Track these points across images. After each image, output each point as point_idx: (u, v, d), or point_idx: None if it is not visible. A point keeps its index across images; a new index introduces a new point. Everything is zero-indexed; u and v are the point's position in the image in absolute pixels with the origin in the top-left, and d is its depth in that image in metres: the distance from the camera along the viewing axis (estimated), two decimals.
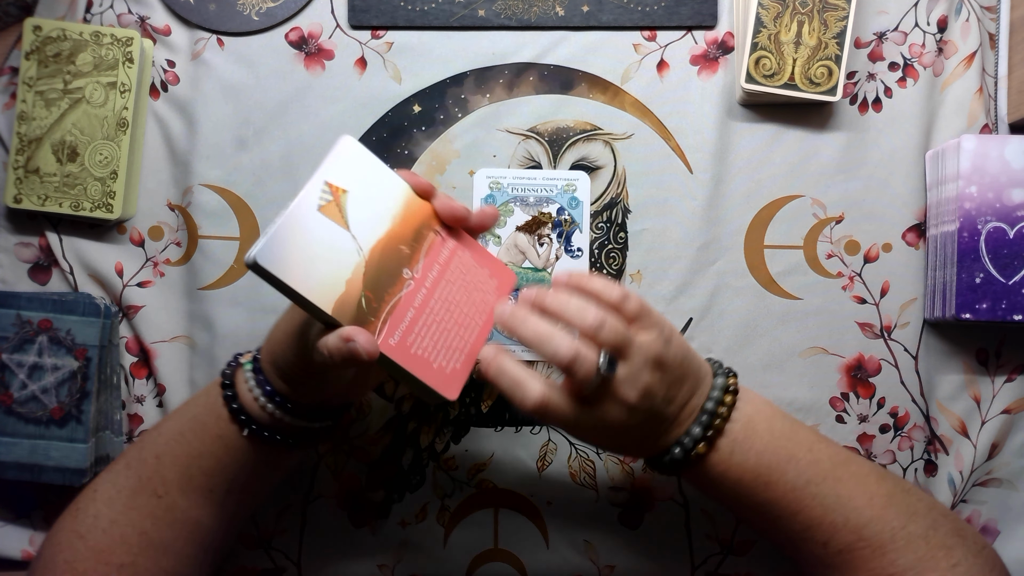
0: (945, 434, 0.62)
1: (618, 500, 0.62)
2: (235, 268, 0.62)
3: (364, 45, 0.62)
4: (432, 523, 0.62)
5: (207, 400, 0.53)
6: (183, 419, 0.53)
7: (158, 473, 0.52)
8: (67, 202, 0.60)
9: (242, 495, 0.53)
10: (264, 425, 0.51)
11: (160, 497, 0.51)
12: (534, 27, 0.62)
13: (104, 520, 0.51)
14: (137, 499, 0.51)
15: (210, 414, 0.52)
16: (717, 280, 0.61)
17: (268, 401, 0.50)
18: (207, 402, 0.52)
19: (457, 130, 0.62)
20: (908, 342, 0.61)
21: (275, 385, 0.50)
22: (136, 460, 0.53)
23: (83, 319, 0.58)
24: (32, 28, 0.59)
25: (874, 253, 0.62)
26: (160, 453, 0.52)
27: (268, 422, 0.51)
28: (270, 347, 0.50)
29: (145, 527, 0.51)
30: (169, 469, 0.52)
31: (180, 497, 0.51)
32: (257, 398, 0.50)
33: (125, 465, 0.53)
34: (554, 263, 0.61)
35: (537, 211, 0.61)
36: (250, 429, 0.50)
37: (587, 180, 0.61)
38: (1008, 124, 0.61)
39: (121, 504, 0.51)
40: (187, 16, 0.62)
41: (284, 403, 0.50)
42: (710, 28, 0.62)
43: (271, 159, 0.62)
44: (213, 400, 0.52)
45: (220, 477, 0.52)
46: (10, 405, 0.58)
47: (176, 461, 0.52)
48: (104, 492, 0.52)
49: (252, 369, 0.51)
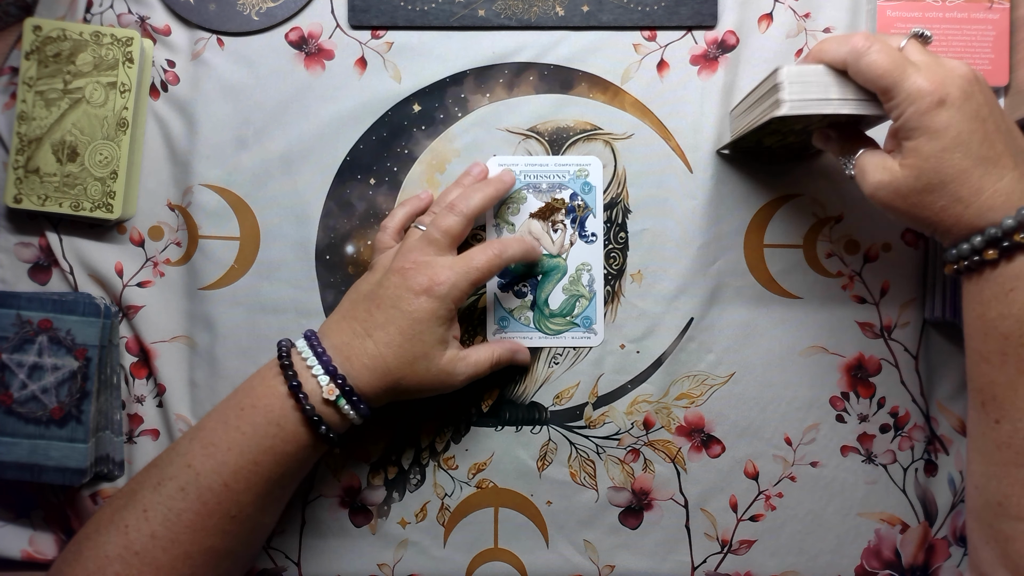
0: (945, 434, 0.62)
1: (618, 500, 0.62)
2: (235, 268, 0.62)
3: (364, 45, 0.62)
4: (432, 523, 0.62)
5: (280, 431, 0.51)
6: (256, 450, 0.51)
7: (231, 499, 0.50)
8: (67, 202, 0.60)
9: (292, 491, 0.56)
10: (332, 427, 0.52)
11: (234, 516, 0.51)
12: (534, 27, 0.62)
13: (164, 540, 0.49)
14: (207, 521, 0.50)
15: (291, 443, 0.51)
16: (717, 280, 0.61)
17: (351, 407, 0.52)
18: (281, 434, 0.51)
19: (457, 129, 0.62)
20: (908, 342, 0.61)
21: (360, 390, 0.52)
22: (194, 485, 0.50)
23: (83, 319, 0.58)
24: (32, 28, 0.59)
25: (874, 253, 0.62)
26: (229, 482, 0.50)
27: (333, 422, 0.52)
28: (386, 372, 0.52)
29: (214, 543, 0.50)
30: (244, 494, 0.51)
31: (256, 512, 0.52)
32: (342, 406, 0.51)
33: (179, 488, 0.50)
34: (569, 249, 0.62)
35: (550, 197, 0.61)
36: (329, 439, 0.52)
37: (599, 165, 0.61)
38: None
39: (183, 527, 0.49)
40: (187, 16, 0.62)
41: (359, 403, 0.52)
42: (710, 28, 0.62)
43: (271, 159, 0.62)
44: (291, 430, 0.51)
45: (290, 489, 0.54)
46: (10, 405, 0.58)
47: (252, 487, 0.51)
48: (158, 513, 0.49)
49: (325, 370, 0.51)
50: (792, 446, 0.61)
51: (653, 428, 0.62)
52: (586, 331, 0.62)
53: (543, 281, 0.62)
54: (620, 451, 0.62)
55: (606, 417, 0.62)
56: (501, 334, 0.61)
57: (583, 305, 0.62)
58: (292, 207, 0.62)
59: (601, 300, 0.62)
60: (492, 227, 0.62)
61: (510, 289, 0.62)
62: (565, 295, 0.62)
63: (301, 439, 0.51)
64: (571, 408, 0.62)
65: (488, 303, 0.62)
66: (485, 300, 0.62)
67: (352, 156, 0.62)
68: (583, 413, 0.62)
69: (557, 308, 0.62)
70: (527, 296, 0.62)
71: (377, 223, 0.62)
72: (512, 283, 0.62)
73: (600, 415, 0.62)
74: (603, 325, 0.62)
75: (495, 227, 0.62)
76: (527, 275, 0.62)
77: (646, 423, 0.62)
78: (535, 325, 0.62)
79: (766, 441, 0.61)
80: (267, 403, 0.51)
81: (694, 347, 0.61)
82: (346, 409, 0.51)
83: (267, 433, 0.51)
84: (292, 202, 0.62)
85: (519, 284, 0.62)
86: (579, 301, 0.62)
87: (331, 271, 0.62)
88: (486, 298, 0.62)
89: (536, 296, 0.62)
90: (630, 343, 0.62)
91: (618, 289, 0.62)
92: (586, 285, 0.62)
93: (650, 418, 0.61)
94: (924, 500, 0.61)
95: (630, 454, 0.62)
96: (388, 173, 0.62)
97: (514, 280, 0.62)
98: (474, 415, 0.62)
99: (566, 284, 0.62)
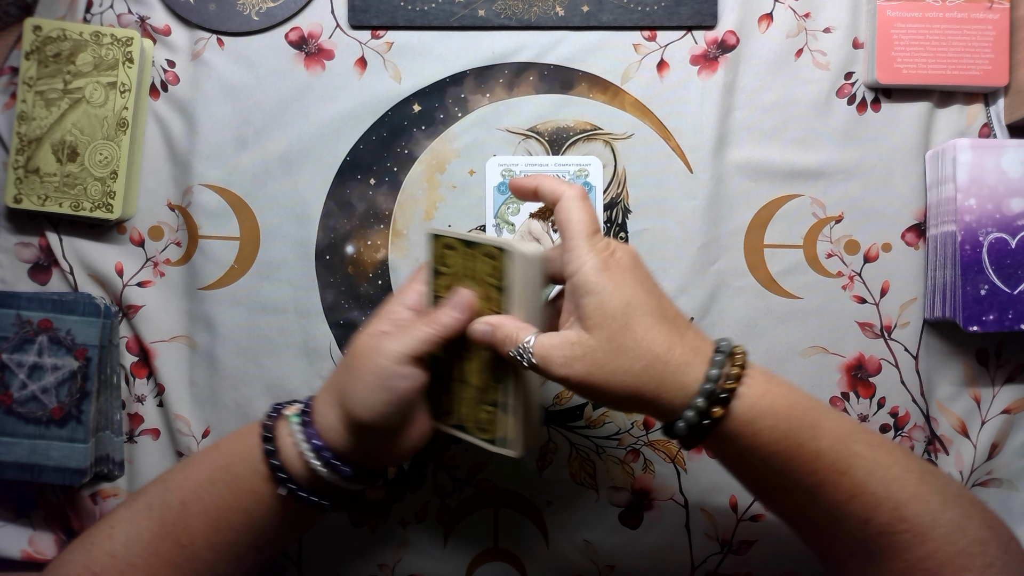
0: (945, 434, 0.62)
1: (618, 500, 0.62)
2: (235, 268, 0.62)
3: (364, 45, 0.62)
4: (432, 523, 0.62)
5: (242, 450, 0.50)
6: (213, 466, 0.50)
7: (183, 521, 0.48)
8: (67, 202, 0.60)
9: (263, 551, 0.51)
10: (303, 485, 0.48)
11: (184, 547, 0.48)
12: (534, 27, 0.62)
13: (121, 562, 0.48)
14: (160, 545, 0.48)
15: (245, 466, 0.49)
16: (717, 280, 0.61)
17: (315, 457, 0.48)
18: (241, 452, 0.50)
19: (457, 129, 0.62)
20: (908, 342, 0.61)
21: (329, 440, 0.48)
22: (159, 502, 0.49)
23: (83, 319, 0.58)
24: (32, 28, 0.59)
25: (874, 253, 0.62)
26: (186, 500, 0.49)
27: (308, 481, 0.48)
28: (360, 401, 0.47)
29: (163, 574, 0.48)
30: (196, 519, 0.48)
31: (205, 550, 0.48)
32: (304, 453, 0.48)
33: (147, 505, 0.49)
34: None
35: None
36: (289, 489, 0.48)
37: (599, 165, 0.61)
38: (1007, 125, 0.61)
39: (141, 548, 0.48)
40: (187, 16, 0.62)
41: (331, 459, 0.48)
42: (710, 28, 0.62)
43: (271, 159, 0.62)
44: (248, 451, 0.49)
45: (247, 534, 0.49)
46: (10, 405, 0.58)
47: (204, 511, 0.49)
48: (122, 531, 0.49)
49: (300, 423, 0.49)
50: None
51: (653, 428, 0.62)
52: None
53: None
54: (620, 451, 0.62)
55: (606, 417, 0.62)
56: None
57: None
58: (292, 207, 0.62)
59: None
60: (492, 227, 0.62)
61: None
62: None
63: (258, 469, 0.49)
64: (571, 408, 0.62)
65: None
66: None
67: (352, 156, 0.62)
68: (583, 413, 0.62)
69: None
70: None
71: (377, 223, 0.62)
72: None
73: (600, 415, 0.62)
74: None
75: (495, 227, 0.62)
76: None
77: (646, 423, 0.62)
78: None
79: None
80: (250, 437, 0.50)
81: None
82: (295, 430, 0.48)
83: (228, 449, 0.51)
84: (292, 202, 0.62)
85: None
86: None
87: (331, 271, 0.62)
88: None
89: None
90: None
91: None
92: None
93: (650, 418, 0.61)
94: None
95: (630, 454, 0.62)
96: (388, 173, 0.62)
97: None
98: None
99: None
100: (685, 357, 0.43)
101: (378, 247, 0.62)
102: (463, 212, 0.62)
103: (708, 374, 0.42)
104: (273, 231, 0.62)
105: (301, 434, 0.48)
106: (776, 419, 0.43)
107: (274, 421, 0.50)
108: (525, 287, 0.46)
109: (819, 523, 0.45)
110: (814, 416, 0.43)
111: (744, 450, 0.44)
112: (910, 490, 0.43)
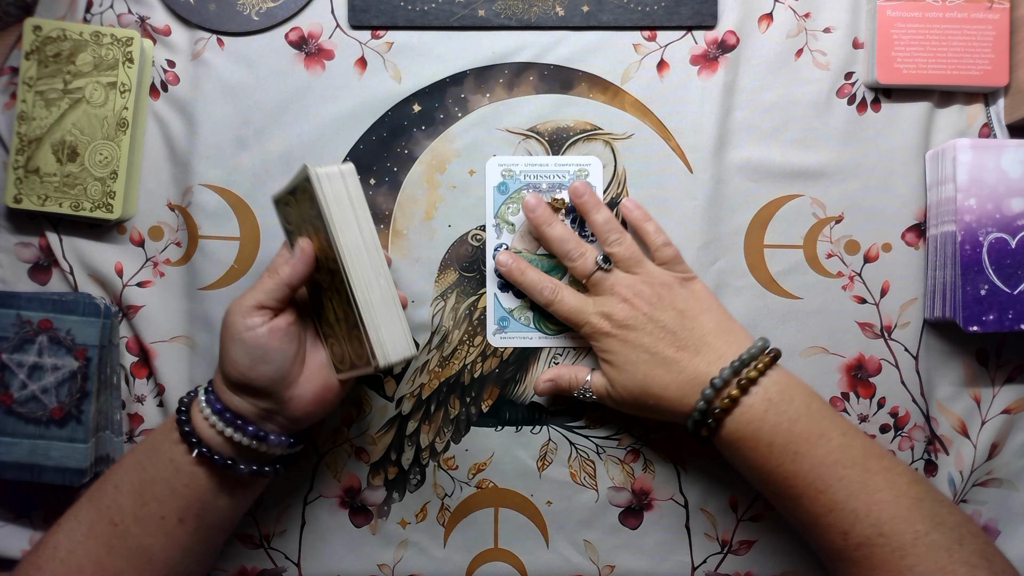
0: (945, 434, 0.62)
1: (618, 500, 0.62)
2: (235, 268, 0.62)
3: (364, 45, 0.62)
4: (432, 523, 0.62)
5: (163, 428, 0.54)
6: (140, 449, 0.54)
7: (116, 502, 0.52)
8: (67, 202, 0.60)
9: (196, 527, 0.52)
10: (214, 447, 0.52)
11: (116, 525, 0.51)
12: (534, 27, 0.62)
13: (62, 550, 0.51)
14: (95, 528, 0.51)
15: (164, 439, 0.53)
16: (717, 280, 0.61)
17: (219, 419, 0.51)
18: (163, 430, 0.54)
19: (457, 129, 0.62)
20: (908, 342, 0.61)
21: (233, 406, 0.52)
22: (97, 491, 0.53)
23: (83, 319, 0.58)
24: (32, 28, 0.59)
25: (874, 253, 0.62)
26: (118, 482, 0.52)
27: (218, 443, 0.52)
28: (226, 359, 0.51)
29: (101, 556, 0.51)
30: (126, 497, 0.52)
31: (133, 524, 0.51)
32: (213, 423, 0.51)
33: (88, 497, 0.53)
34: None
35: (550, 197, 0.61)
36: (200, 451, 0.51)
37: (599, 165, 0.61)
38: (1007, 125, 0.61)
39: (80, 534, 0.51)
40: (187, 16, 0.62)
41: (234, 419, 0.51)
42: (710, 28, 0.62)
43: (271, 159, 0.62)
44: (169, 427, 0.53)
45: (172, 504, 0.52)
46: (10, 405, 0.58)
47: (132, 488, 0.52)
48: (65, 523, 0.52)
49: (206, 391, 0.53)
50: None
51: (653, 428, 0.62)
52: None
53: None
54: (620, 451, 0.62)
55: (606, 417, 0.62)
56: (501, 334, 0.61)
57: None
58: None
59: None
60: (492, 226, 0.62)
61: (510, 289, 0.62)
62: None
63: (173, 437, 0.52)
64: (571, 408, 0.62)
65: (488, 303, 0.62)
66: (485, 300, 0.62)
67: (352, 156, 0.62)
68: (583, 413, 0.62)
69: None
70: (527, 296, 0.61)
71: (377, 223, 0.62)
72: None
73: (600, 415, 0.62)
74: None
75: (495, 227, 0.62)
76: None
77: (647, 423, 0.62)
78: (535, 325, 0.61)
79: None
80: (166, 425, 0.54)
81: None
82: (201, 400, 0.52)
83: (155, 431, 0.54)
84: None
85: None
86: None
87: None
88: (486, 298, 0.62)
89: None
90: None
91: None
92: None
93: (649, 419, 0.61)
94: None
95: (630, 454, 0.62)
96: (388, 173, 0.62)
97: None
98: (474, 415, 0.62)
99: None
100: (682, 391, 0.53)
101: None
102: (463, 212, 0.62)
103: (696, 406, 0.52)
104: (273, 231, 0.62)
105: (204, 399, 0.52)
106: (757, 443, 0.51)
107: (191, 398, 0.54)
108: (339, 206, 0.49)
109: (806, 526, 0.52)
110: (798, 446, 0.50)
111: (733, 458, 0.54)
112: (895, 512, 0.48)
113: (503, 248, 0.61)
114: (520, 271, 0.59)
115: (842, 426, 0.52)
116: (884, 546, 0.47)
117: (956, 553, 0.47)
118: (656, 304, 0.55)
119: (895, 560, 0.47)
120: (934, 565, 0.47)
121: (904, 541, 0.47)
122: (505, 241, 0.62)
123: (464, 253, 0.62)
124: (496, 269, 0.60)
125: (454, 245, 0.62)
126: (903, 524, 0.48)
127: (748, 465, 0.52)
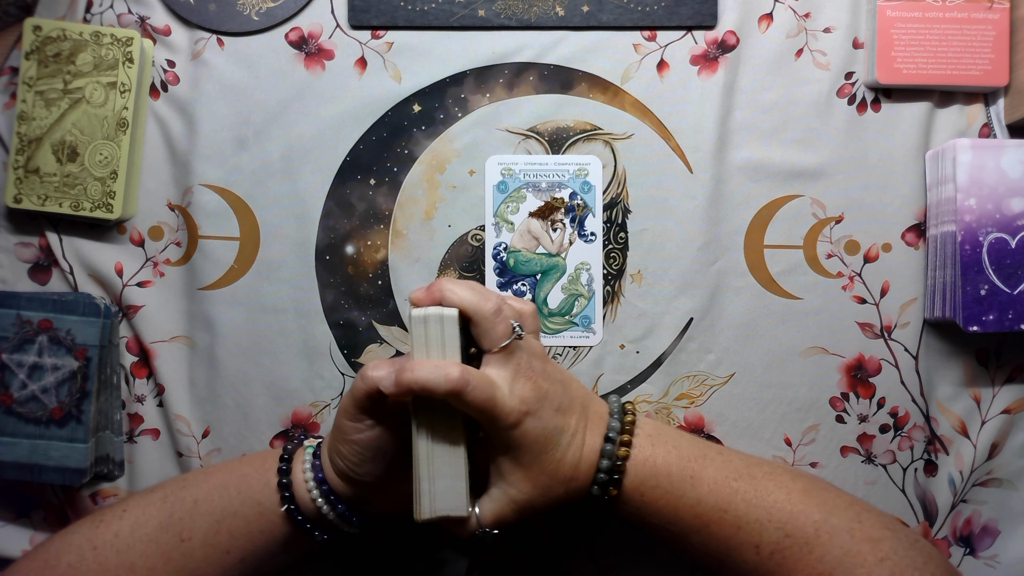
0: (945, 434, 0.62)
1: None
2: (235, 268, 0.62)
3: (364, 45, 0.62)
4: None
5: (261, 465, 0.53)
6: (232, 474, 0.54)
7: (191, 518, 0.52)
8: (67, 202, 0.60)
9: (251, 571, 0.53)
10: (302, 508, 0.51)
11: (183, 541, 0.51)
12: (534, 27, 0.62)
13: (122, 542, 0.51)
14: (162, 535, 0.51)
15: (259, 478, 0.53)
16: (717, 280, 0.61)
17: (320, 496, 0.51)
18: (260, 467, 0.53)
19: (457, 129, 0.62)
20: (908, 342, 0.61)
21: (332, 483, 0.51)
22: (174, 496, 0.53)
23: (83, 319, 0.58)
24: (32, 28, 0.59)
25: (874, 253, 0.62)
26: (199, 499, 0.52)
27: (307, 507, 0.51)
28: (335, 448, 0.50)
29: (156, 563, 0.51)
30: (203, 518, 0.52)
31: (199, 548, 0.51)
32: (311, 490, 0.51)
33: (162, 497, 0.53)
34: (568, 248, 0.62)
35: (550, 196, 0.61)
36: (289, 508, 0.51)
37: (599, 164, 0.61)
38: (1007, 125, 0.61)
39: (144, 534, 0.51)
40: (187, 16, 0.62)
41: (329, 494, 0.51)
42: (710, 28, 0.62)
43: (271, 159, 0.62)
44: (267, 468, 0.53)
45: (241, 543, 0.52)
46: (10, 405, 0.58)
47: (211, 511, 0.52)
48: (132, 515, 0.52)
49: (313, 455, 0.52)
50: (792, 447, 0.61)
51: None
52: (585, 330, 0.62)
53: (542, 280, 0.62)
54: None
55: None
56: None
57: (582, 304, 0.62)
58: (292, 207, 0.62)
59: (600, 299, 0.62)
60: (491, 226, 0.62)
61: (509, 288, 0.62)
62: (564, 294, 0.62)
63: (270, 482, 0.52)
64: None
65: None
66: None
67: (352, 156, 0.62)
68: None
69: (556, 307, 0.62)
70: (526, 295, 0.62)
71: (377, 223, 0.62)
72: (510, 282, 0.62)
73: None
74: (602, 324, 0.62)
75: (494, 226, 0.62)
76: (526, 274, 0.62)
77: None
78: None
79: (766, 441, 0.61)
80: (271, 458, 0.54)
81: (694, 347, 0.61)
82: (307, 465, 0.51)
83: (251, 462, 0.54)
84: (292, 202, 0.62)
85: (518, 283, 0.62)
86: (578, 300, 0.62)
87: (331, 271, 0.62)
88: None
89: (535, 295, 0.62)
90: (630, 343, 0.62)
91: (618, 289, 0.62)
92: (585, 284, 0.62)
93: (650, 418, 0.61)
94: (924, 500, 0.61)
95: None
96: (388, 173, 0.62)
97: (513, 279, 0.62)
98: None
99: (565, 283, 0.62)
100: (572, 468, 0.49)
101: (378, 247, 0.62)
102: (463, 212, 0.62)
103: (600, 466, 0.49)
104: (273, 231, 0.62)
105: (309, 464, 0.52)
106: (658, 479, 0.50)
107: (295, 447, 0.54)
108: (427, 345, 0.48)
109: (722, 557, 0.51)
110: (692, 468, 0.50)
111: (641, 511, 0.51)
112: (790, 508, 0.49)
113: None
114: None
115: (713, 445, 0.54)
116: (792, 546, 0.48)
117: (857, 532, 0.49)
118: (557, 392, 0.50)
119: (805, 556, 0.48)
120: (840, 550, 0.48)
121: (807, 534, 0.48)
122: (505, 240, 0.62)
123: (464, 253, 0.62)
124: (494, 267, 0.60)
125: (454, 245, 0.62)
126: (801, 518, 0.49)
127: (656, 510, 0.50)
